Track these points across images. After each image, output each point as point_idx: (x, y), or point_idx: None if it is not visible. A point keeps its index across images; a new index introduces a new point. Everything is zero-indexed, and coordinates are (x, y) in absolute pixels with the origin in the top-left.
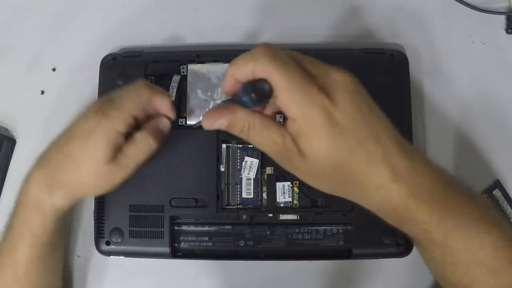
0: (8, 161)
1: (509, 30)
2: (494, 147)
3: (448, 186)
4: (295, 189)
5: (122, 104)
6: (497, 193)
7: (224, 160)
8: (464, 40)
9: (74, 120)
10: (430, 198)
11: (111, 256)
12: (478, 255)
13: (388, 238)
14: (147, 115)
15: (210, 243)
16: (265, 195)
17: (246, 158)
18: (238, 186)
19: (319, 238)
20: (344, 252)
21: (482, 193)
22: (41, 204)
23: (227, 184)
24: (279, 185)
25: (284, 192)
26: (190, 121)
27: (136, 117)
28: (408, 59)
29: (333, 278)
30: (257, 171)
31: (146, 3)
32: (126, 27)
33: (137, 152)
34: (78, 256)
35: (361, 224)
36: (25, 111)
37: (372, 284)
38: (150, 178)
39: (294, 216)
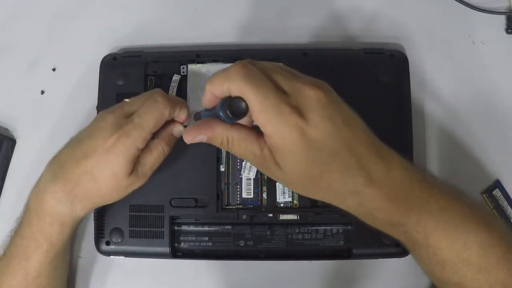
0: (8, 161)
1: (509, 30)
2: (494, 147)
3: (427, 188)
4: None
5: (143, 123)
6: (497, 193)
7: (224, 160)
8: (464, 40)
9: (90, 133)
10: (407, 201)
11: (111, 256)
12: (463, 254)
13: (388, 238)
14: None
15: (210, 243)
16: (265, 195)
17: None
18: (238, 186)
19: (319, 238)
20: (344, 252)
21: (482, 193)
22: (60, 216)
23: (227, 184)
24: (279, 185)
25: (284, 192)
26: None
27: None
28: (408, 59)
29: (333, 278)
30: (257, 171)
31: (146, 3)
32: (126, 27)
33: (153, 160)
34: (78, 256)
35: (361, 224)
36: (25, 111)
37: (372, 284)
38: (150, 178)
39: (294, 216)
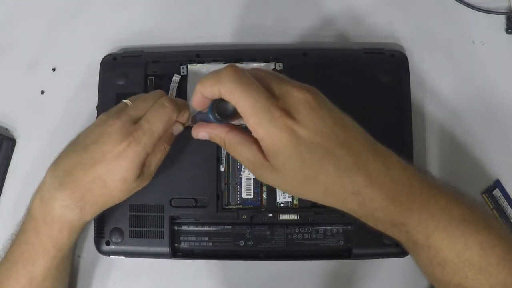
0: (8, 161)
1: (509, 30)
2: (494, 147)
3: (427, 188)
4: None
5: (153, 129)
6: (497, 193)
7: (224, 160)
8: (464, 40)
9: (95, 138)
10: (408, 200)
11: (111, 256)
12: (464, 255)
13: (388, 238)
14: None
15: (210, 243)
16: (265, 195)
17: None
18: (238, 186)
19: (319, 238)
20: (344, 252)
21: (482, 193)
22: (70, 223)
23: (227, 184)
24: None
25: (284, 192)
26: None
27: None
28: (408, 59)
29: (333, 278)
30: None
31: (146, 3)
32: (126, 27)
33: (157, 161)
34: (79, 256)
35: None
36: (25, 111)
37: (372, 284)
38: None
39: (294, 216)
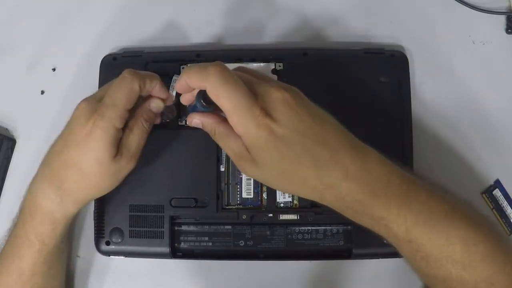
0: (8, 161)
1: (509, 30)
2: (494, 147)
3: (407, 183)
4: None
5: (115, 101)
6: (497, 193)
7: (224, 160)
8: (464, 40)
9: (68, 125)
10: (386, 194)
11: (111, 256)
12: (447, 250)
13: None
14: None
15: (210, 243)
16: (265, 195)
17: None
18: (238, 186)
19: (319, 238)
20: (344, 252)
21: (482, 193)
22: (51, 214)
23: (227, 184)
24: None
25: (284, 192)
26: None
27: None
28: (408, 59)
29: (333, 278)
30: None
31: (146, 3)
32: (126, 27)
33: (137, 139)
34: (78, 256)
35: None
36: (25, 111)
37: (372, 284)
38: (150, 178)
39: (294, 216)
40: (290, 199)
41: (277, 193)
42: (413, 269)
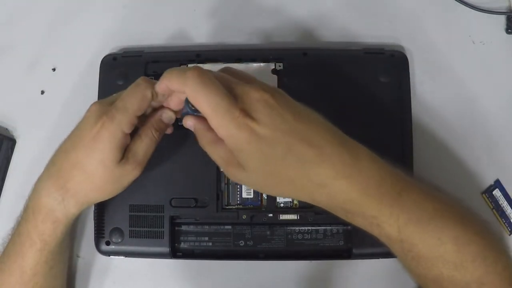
0: (8, 161)
1: (509, 30)
2: (494, 147)
3: (399, 181)
4: None
5: (126, 106)
6: (497, 193)
7: None
8: (464, 40)
9: (78, 125)
10: (378, 193)
11: (111, 256)
12: (438, 250)
13: None
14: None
15: (210, 243)
16: (265, 195)
17: None
18: (238, 186)
19: (319, 238)
20: (344, 252)
21: (482, 193)
22: (54, 213)
23: (227, 184)
24: None
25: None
26: None
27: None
28: (408, 59)
29: (333, 278)
30: None
31: (146, 3)
32: (126, 27)
33: (145, 147)
34: (78, 256)
35: None
36: (25, 111)
37: (372, 284)
38: (150, 178)
39: (294, 216)
40: (290, 199)
41: None
42: (405, 269)
